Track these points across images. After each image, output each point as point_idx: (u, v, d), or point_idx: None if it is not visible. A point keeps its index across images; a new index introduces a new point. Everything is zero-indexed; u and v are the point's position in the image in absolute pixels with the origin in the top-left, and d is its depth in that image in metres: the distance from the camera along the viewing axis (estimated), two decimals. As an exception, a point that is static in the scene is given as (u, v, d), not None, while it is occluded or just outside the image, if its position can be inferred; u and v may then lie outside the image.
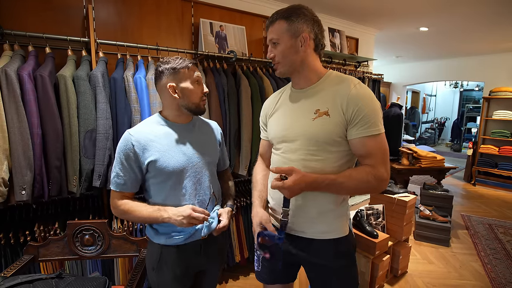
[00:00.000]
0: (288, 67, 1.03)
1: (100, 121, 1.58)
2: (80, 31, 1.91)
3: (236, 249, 2.30)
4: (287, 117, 1.08)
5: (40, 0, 1.76)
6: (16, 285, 1.05)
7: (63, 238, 1.41)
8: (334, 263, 1.05)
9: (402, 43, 4.65)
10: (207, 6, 2.43)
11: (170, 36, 2.28)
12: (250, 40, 2.65)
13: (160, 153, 1.05)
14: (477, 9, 3.02)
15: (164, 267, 1.11)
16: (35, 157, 1.44)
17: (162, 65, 1.07)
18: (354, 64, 3.34)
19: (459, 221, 3.63)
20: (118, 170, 1.06)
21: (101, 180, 1.59)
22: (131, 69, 1.80)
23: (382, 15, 3.28)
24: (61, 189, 1.54)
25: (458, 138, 9.59)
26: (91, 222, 1.41)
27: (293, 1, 2.79)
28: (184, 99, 1.08)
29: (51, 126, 1.47)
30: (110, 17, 2.02)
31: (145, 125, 1.11)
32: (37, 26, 1.72)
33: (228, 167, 1.40)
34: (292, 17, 0.98)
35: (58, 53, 1.70)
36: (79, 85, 1.54)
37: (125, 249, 1.46)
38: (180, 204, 1.06)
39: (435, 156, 3.41)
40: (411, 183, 4.71)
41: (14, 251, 1.54)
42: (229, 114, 2.11)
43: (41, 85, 1.44)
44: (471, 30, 3.78)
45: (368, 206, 2.43)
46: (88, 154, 1.57)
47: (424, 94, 10.08)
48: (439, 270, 2.54)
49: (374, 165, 0.95)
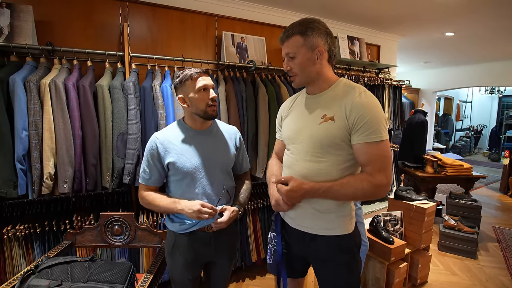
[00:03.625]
0: (305, 78, 1.11)
1: (131, 125, 1.78)
2: (116, 46, 2.16)
3: (253, 248, 2.39)
4: (298, 120, 1.17)
5: (83, 20, 2.04)
6: (56, 264, 1.22)
7: (96, 228, 1.60)
8: (336, 258, 1.11)
9: (427, 48, 4.54)
10: (230, 20, 2.61)
11: (195, 48, 2.48)
12: (270, 49, 2.78)
13: (178, 155, 1.20)
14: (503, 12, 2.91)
15: (177, 252, 1.25)
16: (76, 155, 1.66)
17: (174, 80, 1.23)
18: (375, 71, 3.34)
19: (490, 233, 3.42)
20: (145, 166, 1.24)
21: (130, 177, 1.77)
22: (159, 78, 2.00)
23: (404, 22, 3.27)
24: (96, 184, 1.75)
25: (497, 147, 8.94)
26: (120, 214, 1.58)
27: (312, 12, 2.90)
28: (192, 107, 1.22)
29: (90, 128, 1.69)
30: (142, 33, 2.26)
31: (169, 129, 1.28)
32: (81, 43, 1.98)
33: (247, 171, 1.49)
34: (307, 32, 1.04)
35: (97, 66, 1.95)
36: (114, 93, 1.75)
37: (148, 240, 1.62)
38: (194, 199, 1.20)
39: (462, 164, 3.28)
40: (438, 193, 4.52)
41: (55, 237, 1.77)
42: (247, 119, 2.24)
43: (82, 93, 1.67)
44: (501, 33, 3.62)
45: (385, 213, 2.41)
46: (120, 154, 1.77)
47: (458, 100, 9.57)
48: (463, 282, 2.44)
49: (371, 172, 1.00)
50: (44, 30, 1.91)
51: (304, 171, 1.11)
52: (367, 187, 1.00)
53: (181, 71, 1.22)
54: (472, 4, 2.64)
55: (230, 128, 1.41)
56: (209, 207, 1.14)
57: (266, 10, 2.78)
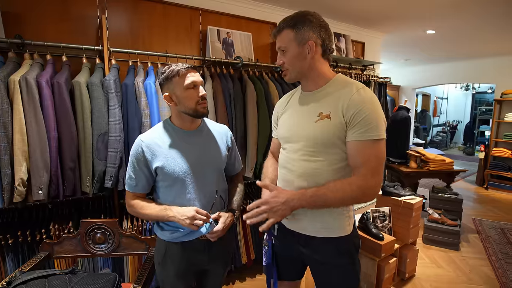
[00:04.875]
0: (296, 73, 1.06)
1: (112, 125, 1.66)
2: (94, 40, 2.01)
3: (242, 250, 2.34)
4: (293, 118, 1.12)
5: (57, 12, 1.88)
6: (32, 279, 1.11)
7: (76, 236, 1.48)
8: (334, 260, 1.07)
9: (409, 46, 4.64)
10: (215, 14, 2.51)
11: (179, 43, 2.37)
12: (256, 46, 2.71)
13: (166, 159, 1.11)
14: (484, 11, 3.01)
15: (168, 262, 1.17)
16: (51, 158, 1.53)
17: (160, 76, 1.12)
18: (360, 68, 3.36)
19: (470, 225, 3.56)
20: (131, 172, 1.14)
21: (113, 181, 1.66)
22: (142, 75, 1.89)
23: (387, 19, 3.30)
24: (75, 189, 1.63)
25: (471, 141, 9.37)
26: (102, 221, 1.47)
27: (299, 7, 2.84)
28: (180, 106, 1.12)
29: (67, 129, 1.56)
30: (122, 26, 2.12)
31: (155, 131, 1.18)
32: (55, 36, 1.83)
33: (239, 172, 1.42)
34: (298, 25, 1.00)
35: (73, 61, 1.80)
36: (92, 90, 1.63)
37: (134, 247, 1.52)
38: (185, 206, 1.11)
39: (444, 159, 3.37)
40: (420, 187, 4.65)
41: (30, 248, 1.63)
42: (235, 117, 2.17)
43: (57, 91, 1.53)
44: (479, 32, 3.74)
45: (374, 209, 2.43)
46: (100, 156, 1.65)
47: (435, 97, 9.93)
48: (448, 274, 2.51)
49: (364, 175, 0.94)
50: (12, 22, 1.74)
51: (300, 171, 1.06)
52: (356, 192, 0.94)
53: (167, 67, 1.12)
54: (455, 1, 2.69)
55: (220, 127, 1.33)
56: (204, 214, 1.07)
57: (252, 5, 2.71)
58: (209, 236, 1.12)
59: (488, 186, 5.16)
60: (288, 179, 1.10)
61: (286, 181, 1.12)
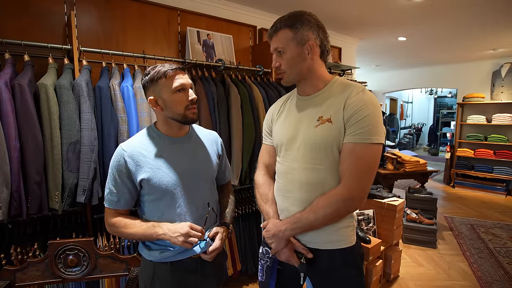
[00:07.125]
0: (295, 75, 1.00)
1: (85, 132, 1.49)
2: (62, 38, 1.82)
3: (228, 262, 2.22)
4: (291, 124, 1.05)
5: (18, 6, 1.67)
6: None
7: (44, 260, 1.29)
8: (340, 273, 1.01)
9: (381, 52, 4.83)
10: (194, 15, 2.41)
11: (156, 44, 2.23)
12: (237, 48, 2.64)
13: (152, 170, 0.99)
14: (449, 21, 3.20)
15: (157, 285, 1.04)
16: (12, 172, 1.32)
17: (144, 77, 1.01)
18: (339, 72, 3.41)
19: (443, 222, 3.73)
20: (112, 186, 1.00)
21: (86, 195, 1.49)
22: (117, 77, 1.73)
23: (363, 25, 3.40)
24: (41, 206, 1.43)
25: (435, 143, 10.01)
26: (76, 241, 1.30)
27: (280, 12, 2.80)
28: (168, 111, 1.01)
29: (31, 138, 1.37)
30: (92, 24, 1.95)
31: (138, 138, 1.05)
32: (15, 33, 1.62)
33: (229, 181, 1.33)
34: (296, 25, 0.95)
35: (38, 61, 1.60)
36: (61, 94, 1.45)
37: (113, 268, 1.36)
38: (175, 222, 1.00)
39: (418, 160, 3.51)
40: (395, 188, 4.82)
41: (-13, 277, 1.40)
42: (219, 122, 2.07)
43: (19, 94, 1.34)
44: (444, 40, 3.99)
45: (359, 212, 2.43)
46: (71, 167, 1.47)
47: (401, 101, 10.50)
48: (429, 272, 2.58)
49: (345, 183, 0.90)
50: (-39, 16, 1.52)
51: (301, 180, 0.99)
52: (336, 205, 0.91)
53: (152, 67, 1.00)
54: (426, 9, 2.82)
55: (210, 133, 1.23)
56: (199, 230, 0.96)
57: (231, 7, 2.64)
58: (205, 257, 1.01)
59: (454, 184, 5.49)
60: (289, 189, 1.03)
61: (287, 191, 1.04)
